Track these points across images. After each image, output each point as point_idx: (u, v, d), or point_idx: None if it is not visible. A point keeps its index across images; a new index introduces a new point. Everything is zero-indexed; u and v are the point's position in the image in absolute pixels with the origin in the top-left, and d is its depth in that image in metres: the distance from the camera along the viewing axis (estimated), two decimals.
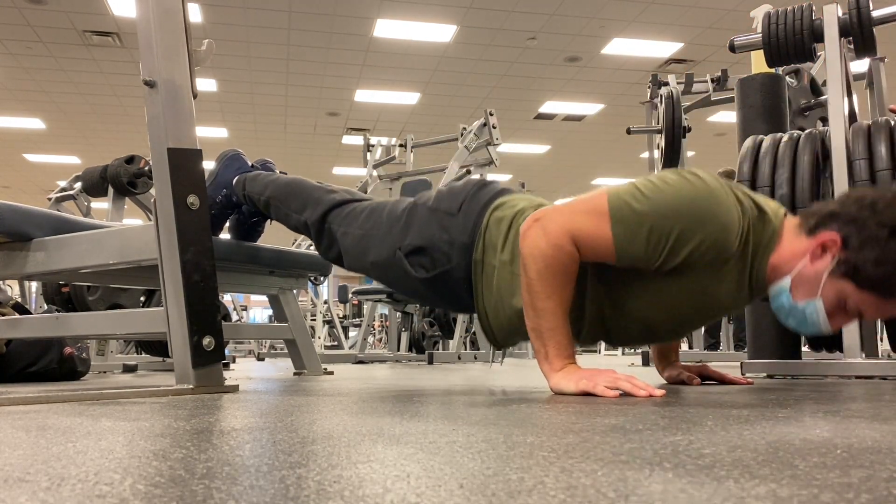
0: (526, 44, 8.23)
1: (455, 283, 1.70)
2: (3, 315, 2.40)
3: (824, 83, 3.03)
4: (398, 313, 6.18)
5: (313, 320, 8.68)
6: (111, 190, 3.35)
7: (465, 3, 7.28)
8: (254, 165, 2.25)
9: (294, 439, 0.76)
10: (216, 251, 1.72)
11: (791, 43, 2.31)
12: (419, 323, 6.31)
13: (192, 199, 1.61)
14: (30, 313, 2.77)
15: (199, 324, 1.57)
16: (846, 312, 1.40)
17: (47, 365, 2.52)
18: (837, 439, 0.71)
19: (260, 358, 8.04)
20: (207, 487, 0.49)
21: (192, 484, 0.51)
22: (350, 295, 8.62)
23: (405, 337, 6.44)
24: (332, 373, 2.79)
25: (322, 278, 3.15)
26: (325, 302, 9.50)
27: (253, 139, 11.50)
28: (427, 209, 1.74)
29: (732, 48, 2.53)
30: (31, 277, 2.94)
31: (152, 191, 2.33)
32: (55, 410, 1.15)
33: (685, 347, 5.47)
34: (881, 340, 2.85)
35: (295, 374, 2.67)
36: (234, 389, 1.62)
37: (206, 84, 9.07)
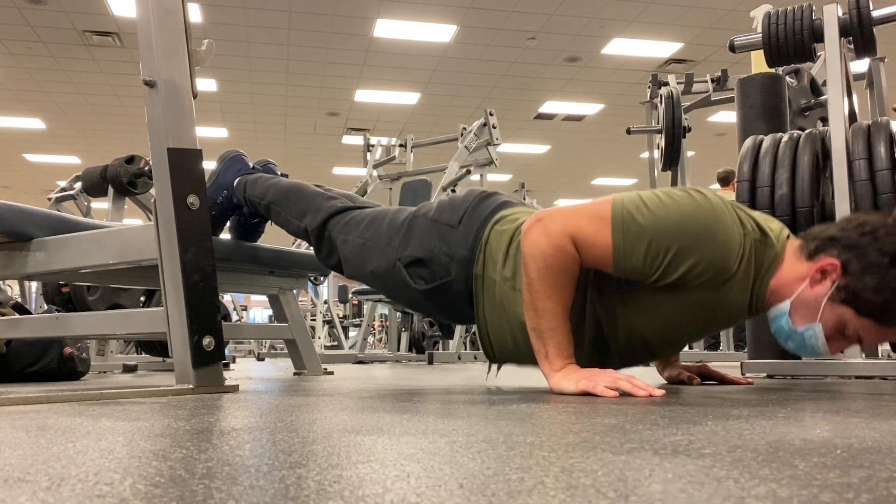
0: (526, 44, 8.24)
1: (455, 296, 1.70)
2: (3, 315, 2.40)
3: (824, 83, 3.03)
4: (398, 313, 6.19)
5: (313, 320, 8.68)
6: (111, 190, 3.35)
7: (465, 3, 7.28)
8: (255, 167, 2.24)
9: (294, 439, 0.76)
10: (216, 251, 1.72)
11: (791, 43, 2.31)
12: (419, 323, 6.31)
13: (192, 199, 1.61)
14: (30, 313, 2.77)
15: (199, 324, 1.57)
16: (845, 337, 1.40)
17: (47, 365, 2.52)
18: (837, 439, 0.71)
19: (260, 358, 8.04)
20: (207, 487, 0.49)
21: (192, 484, 0.51)
22: (350, 295, 8.63)
23: (405, 337, 6.44)
24: (332, 373, 2.79)
25: (322, 278, 3.16)
26: (325, 302, 9.49)
27: (253, 139, 11.50)
28: (428, 220, 1.74)
29: (732, 48, 2.53)
30: (31, 277, 2.94)
31: (152, 191, 2.33)
32: (55, 410, 1.15)
33: (685, 347, 5.46)
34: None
35: (295, 374, 2.67)
36: (234, 389, 1.62)
37: (206, 84, 9.08)
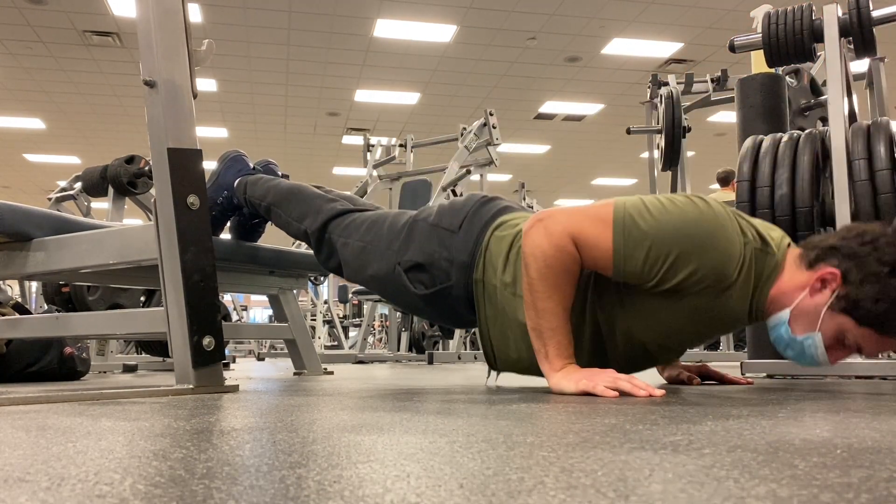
0: (526, 44, 8.23)
1: (454, 301, 1.70)
2: (3, 315, 2.40)
3: (824, 83, 3.03)
4: (398, 313, 6.19)
5: (313, 320, 8.68)
6: (111, 190, 3.35)
7: (465, 3, 7.28)
8: (255, 167, 2.24)
9: (294, 439, 0.76)
10: (216, 251, 1.72)
11: (791, 43, 2.31)
12: (419, 323, 6.31)
13: (192, 199, 1.61)
14: (30, 313, 2.77)
15: (199, 324, 1.57)
16: (845, 347, 1.40)
17: (47, 365, 2.52)
18: (837, 439, 0.71)
19: (260, 358, 8.04)
20: (207, 487, 0.49)
21: (192, 484, 0.51)
22: (350, 295, 8.63)
23: (405, 337, 6.44)
24: (332, 373, 2.79)
25: (322, 278, 3.16)
26: (325, 302, 9.50)
27: (253, 139, 11.50)
28: (428, 225, 1.74)
29: (732, 48, 2.53)
30: (31, 277, 2.94)
31: (152, 191, 2.33)
32: (55, 410, 1.15)
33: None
34: None
35: (295, 374, 2.67)
36: (234, 389, 1.62)
37: (206, 84, 9.08)
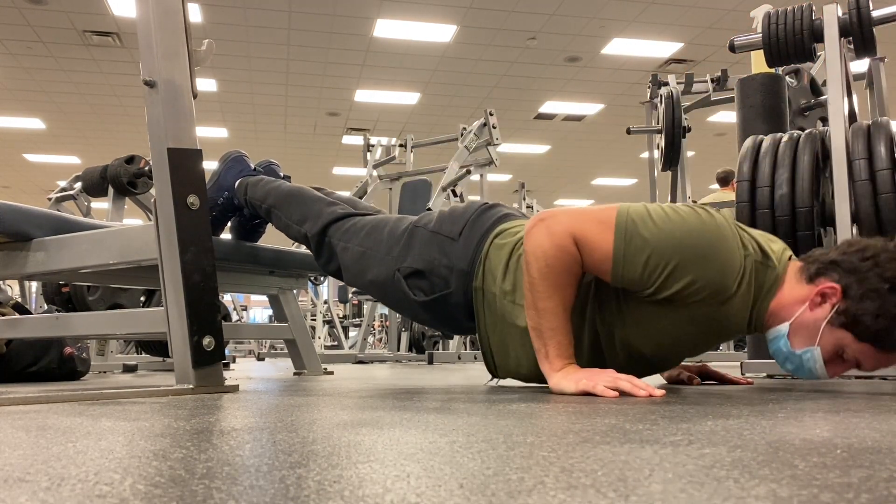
0: (526, 44, 8.23)
1: (454, 308, 1.70)
2: (3, 315, 2.40)
3: (824, 83, 3.03)
4: (398, 313, 6.18)
5: (313, 320, 8.68)
6: (111, 190, 3.35)
7: (465, 3, 7.28)
8: (257, 168, 2.24)
9: (294, 439, 0.76)
10: (216, 251, 1.72)
11: (791, 43, 2.30)
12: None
13: (192, 199, 1.61)
14: (30, 313, 2.77)
15: (199, 324, 1.57)
16: (844, 361, 1.40)
17: (47, 365, 2.52)
18: (837, 439, 0.71)
19: (260, 358, 8.04)
20: (207, 487, 0.49)
21: (192, 484, 0.51)
22: (350, 295, 8.62)
23: (405, 337, 6.44)
24: (332, 373, 2.79)
25: (322, 278, 3.16)
26: (325, 302, 9.50)
27: (253, 139, 11.50)
28: (428, 232, 1.74)
29: (732, 48, 2.53)
30: (32, 277, 2.94)
31: (152, 191, 2.33)
32: (55, 410, 1.15)
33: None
34: None
35: (295, 374, 2.67)
36: (234, 389, 1.62)
37: (206, 84, 9.07)
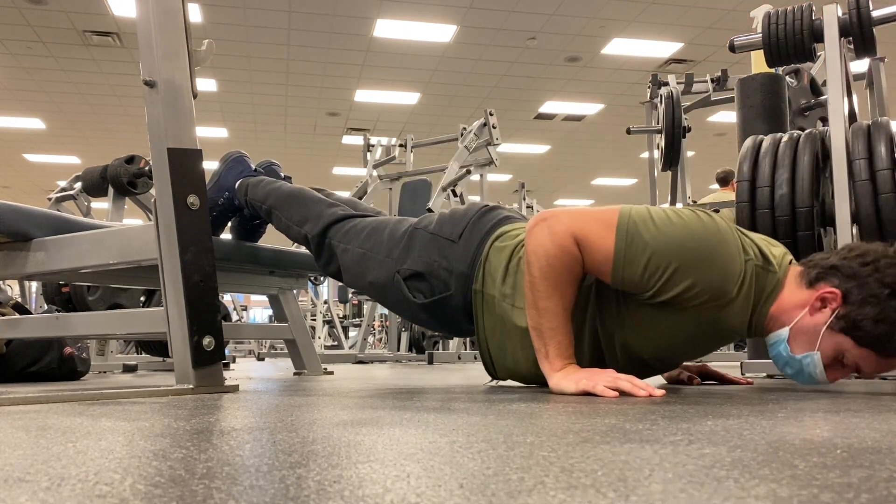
0: (526, 44, 8.23)
1: (453, 310, 1.71)
2: (3, 315, 2.40)
3: (824, 83, 3.03)
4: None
5: (313, 320, 8.68)
6: (111, 190, 3.35)
7: (465, 3, 7.28)
8: (257, 169, 2.24)
9: (294, 439, 0.76)
10: (216, 251, 1.72)
11: (791, 43, 2.30)
12: None
13: (192, 199, 1.61)
14: (30, 313, 2.76)
15: (199, 324, 1.57)
16: (844, 366, 1.41)
17: (47, 365, 2.52)
18: (837, 439, 0.71)
19: (260, 358, 8.04)
20: (207, 487, 0.49)
21: (192, 484, 0.51)
22: (350, 295, 8.62)
23: (405, 337, 6.44)
24: (332, 373, 2.79)
25: (322, 278, 3.16)
26: (325, 302, 9.50)
27: (253, 139, 11.50)
28: (428, 234, 1.75)
29: (732, 48, 2.53)
30: (31, 277, 2.94)
31: (152, 191, 2.33)
32: (55, 410, 1.15)
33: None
34: None
35: (295, 374, 2.67)
36: (234, 389, 1.62)
37: (206, 84, 9.07)
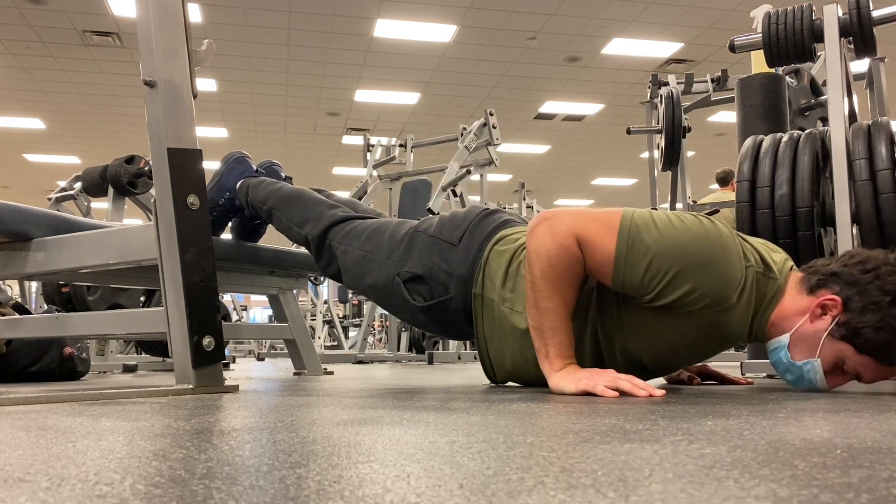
0: (526, 44, 8.23)
1: (453, 314, 1.71)
2: (3, 315, 2.40)
3: (824, 83, 3.03)
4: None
5: (313, 320, 8.68)
6: (111, 190, 3.35)
7: (465, 3, 7.28)
8: (258, 170, 2.24)
9: (294, 439, 0.76)
10: (216, 251, 1.72)
11: (791, 43, 2.30)
12: None
13: (192, 199, 1.61)
14: (30, 313, 2.76)
15: (199, 324, 1.57)
16: (844, 373, 1.41)
17: (47, 365, 2.52)
18: (837, 439, 0.71)
19: (260, 358, 8.04)
20: (207, 487, 0.49)
21: (192, 484, 0.51)
22: (350, 295, 8.62)
23: (405, 337, 6.44)
24: (332, 373, 2.79)
25: (322, 278, 3.16)
26: (325, 302, 9.50)
27: (253, 139, 11.50)
28: (428, 237, 1.75)
29: (732, 48, 2.53)
30: (31, 277, 2.94)
31: (152, 191, 2.33)
32: (55, 410, 1.15)
33: None
34: None
35: (295, 374, 2.67)
36: (234, 389, 1.62)
37: (206, 84, 9.07)
